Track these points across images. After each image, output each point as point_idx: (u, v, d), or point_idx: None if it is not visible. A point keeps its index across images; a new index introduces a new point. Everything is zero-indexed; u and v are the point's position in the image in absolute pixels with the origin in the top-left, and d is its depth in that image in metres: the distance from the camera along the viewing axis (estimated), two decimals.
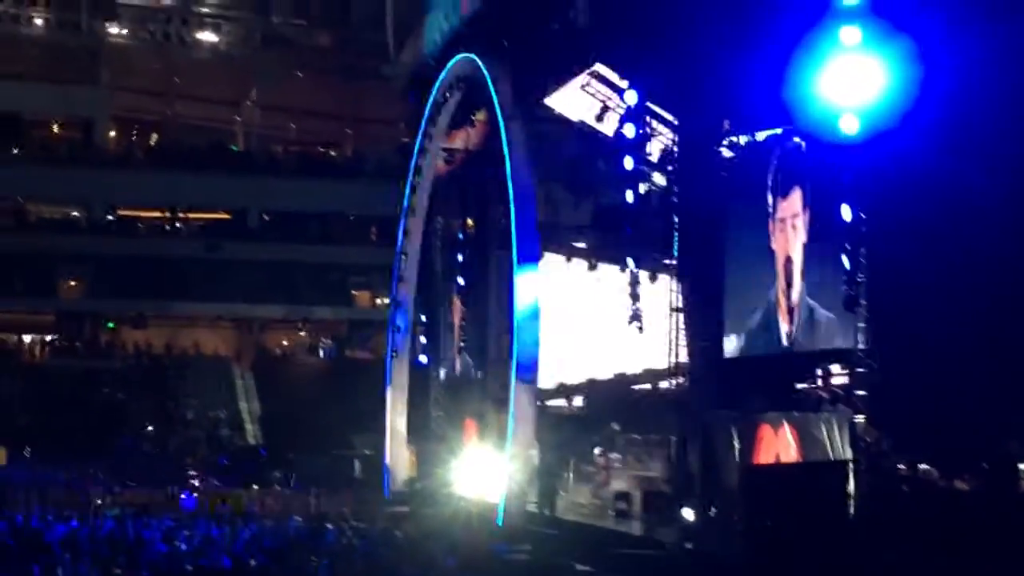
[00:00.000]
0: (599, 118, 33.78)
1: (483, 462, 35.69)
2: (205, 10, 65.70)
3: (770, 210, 27.41)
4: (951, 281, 22.11)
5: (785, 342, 26.93)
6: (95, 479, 41.54)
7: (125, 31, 64.41)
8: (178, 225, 63.77)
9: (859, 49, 22.19)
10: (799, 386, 26.60)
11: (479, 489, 34.72)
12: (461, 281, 44.08)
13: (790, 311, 26.73)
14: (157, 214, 63.93)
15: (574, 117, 34.81)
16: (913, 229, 22.63)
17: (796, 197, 26.44)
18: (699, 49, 27.89)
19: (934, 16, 22.33)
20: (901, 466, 22.47)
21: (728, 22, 26.94)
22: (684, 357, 30.89)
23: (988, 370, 21.40)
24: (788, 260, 26.86)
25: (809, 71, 23.38)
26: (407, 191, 41.97)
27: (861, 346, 23.00)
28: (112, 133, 65.22)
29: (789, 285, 26.78)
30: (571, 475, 34.21)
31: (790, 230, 26.74)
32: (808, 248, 26.01)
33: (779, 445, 26.13)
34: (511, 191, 32.64)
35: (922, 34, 22.12)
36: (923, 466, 22.27)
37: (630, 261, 32.12)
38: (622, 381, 36.88)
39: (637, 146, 30.88)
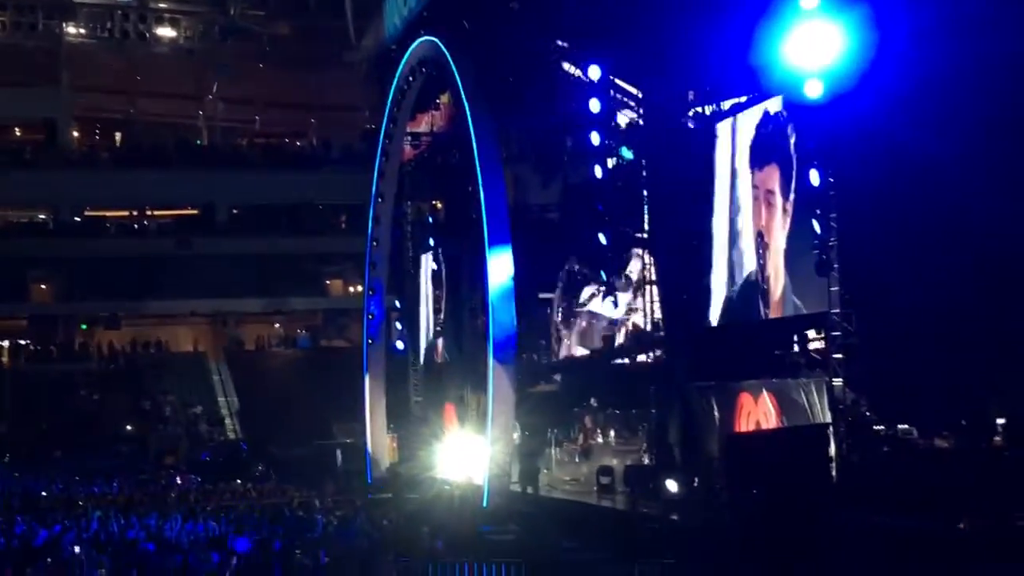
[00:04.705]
0: (564, 95, 33.74)
1: (464, 445, 35.73)
2: (163, 5, 65.37)
3: (746, 178, 27.40)
4: (922, 242, 22.21)
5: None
6: (77, 481, 41.42)
7: (83, 30, 64.04)
8: (147, 223, 63.54)
9: (820, 14, 22.23)
10: (777, 353, 26.65)
11: (462, 472, 34.75)
12: (434, 265, 44.09)
13: (768, 295, 26.72)
14: (125, 213, 63.68)
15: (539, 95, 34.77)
16: (882, 192, 22.71)
17: (773, 173, 26.40)
18: (660, 21, 27.84)
19: None
20: (880, 427, 22.60)
21: None
22: (660, 329, 30.98)
23: (962, 327, 21.51)
24: (760, 235, 26.90)
25: (772, 38, 23.41)
26: (375, 177, 41.84)
27: (836, 310, 23.06)
28: (76, 134, 64.93)
29: (763, 263, 26.81)
30: (553, 452, 34.28)
31: (763, 206, 26.73)
32: (791, 236, 25.88)
33: (759, 413, 26.22)
34: (479, 173, 32.56)
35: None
36: (902, 426, 22.39)
37: (601, 237, 32.09)
38: (599, 356, 36.90)
39: (603, 121, 30.85)
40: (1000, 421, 21.51)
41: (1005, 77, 21.25)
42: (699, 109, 29.60)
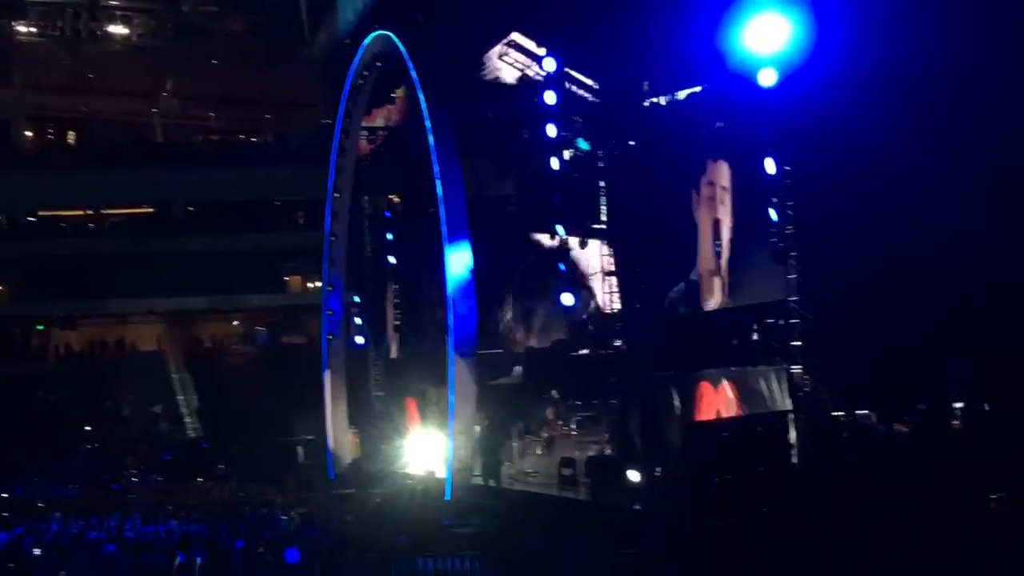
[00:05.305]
0: (519, 87, 33.74)
1: (426, 439, 35.68)
2: (115, 3, 64.80)
3: (700, 169, 27.49)
4: (876, 230, 22.35)
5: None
6: (36, 484, 41.13)
7: (34, 29, 63.42)
8: (102, 223, 63.03)
9: (772, 5, 22.32)
10: (735, 342, 26.75)
11: (424, 466, 34.72)
12: (392, 260, 43.98)
13: (723, 285, 26.87)
14: (80, 213, 63.17)
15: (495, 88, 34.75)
16: (836, 180, 22.82)
17: (725, 169, 26.50)
18: (615, 11, 27.87)
19: None
20: (840, 413, 22.71)
21: None
22: (619, 320, 31.03)
23: (919, 313, 21.66)
24: (715, 225, 27.01)
25: (725, 28, 23.47)
26: (331, 172, 41.71)
27: (794, 297, 23.15)
28: (28, 133, 64.35)
29: (719, 252, 26.92)
30: (516, 445, 34.26)
31: (719, 202, 26.85)
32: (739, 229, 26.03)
33: (719, 401, 26.30)
34: (436, 167, 32.53)
35: None
36: (861, 412, 22.52)
37: (559, 228, 32.11)
38: (559, 348, 36.93)
39: (559, 113, 30.85)
40: (958, 405, 21.69)
41: (950, 64, 21.45)
42: (655, 99, 29.64)
